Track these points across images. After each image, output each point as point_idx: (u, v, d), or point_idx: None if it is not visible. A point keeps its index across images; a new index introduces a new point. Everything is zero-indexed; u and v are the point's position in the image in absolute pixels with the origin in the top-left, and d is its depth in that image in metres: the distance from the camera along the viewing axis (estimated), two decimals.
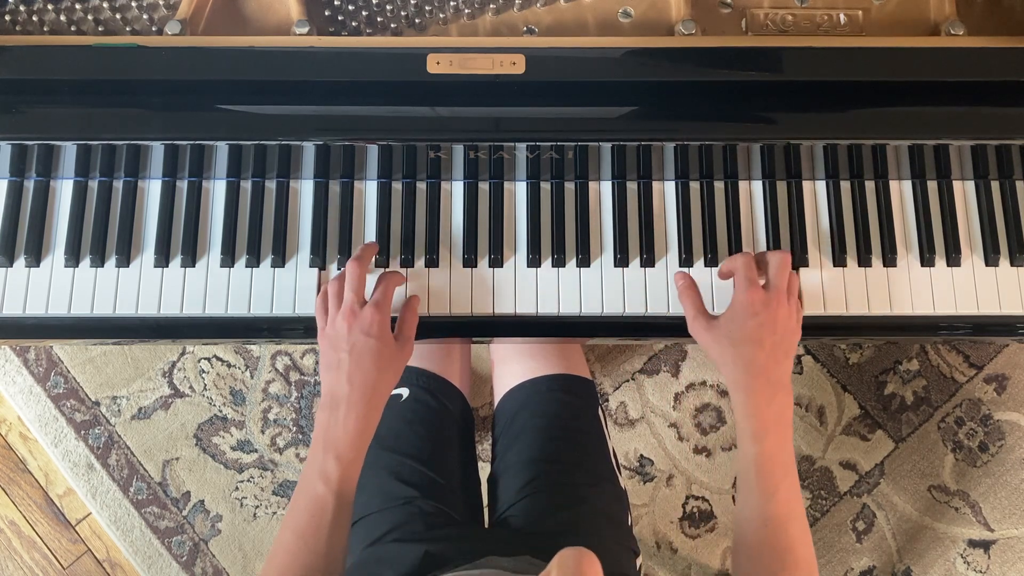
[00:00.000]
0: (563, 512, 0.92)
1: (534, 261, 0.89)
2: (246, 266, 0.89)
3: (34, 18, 0.87)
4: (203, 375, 1.65)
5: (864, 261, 0.90)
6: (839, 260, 0.90)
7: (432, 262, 0.89)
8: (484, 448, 1.55)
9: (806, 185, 0.92)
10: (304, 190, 0.91)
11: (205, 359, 1.66)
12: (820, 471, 1.61)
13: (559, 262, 0.89)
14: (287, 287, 0.89)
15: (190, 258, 0.89)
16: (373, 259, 0.88)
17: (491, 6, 0.89)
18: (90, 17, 0.88)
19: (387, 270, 0.88)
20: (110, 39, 0.85)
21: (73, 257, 0.88)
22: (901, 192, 0.92)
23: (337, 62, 0.83)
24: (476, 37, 0.90)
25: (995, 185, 0.92)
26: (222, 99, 0.82)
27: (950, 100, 0.83)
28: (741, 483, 0.78)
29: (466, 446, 1.07)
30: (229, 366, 1.66)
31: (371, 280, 0.85)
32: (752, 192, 0.92)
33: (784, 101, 0.83)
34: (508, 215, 0.91)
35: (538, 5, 0.90)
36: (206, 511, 1.61)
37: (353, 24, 0.90)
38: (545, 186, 0.91)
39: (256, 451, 1.63)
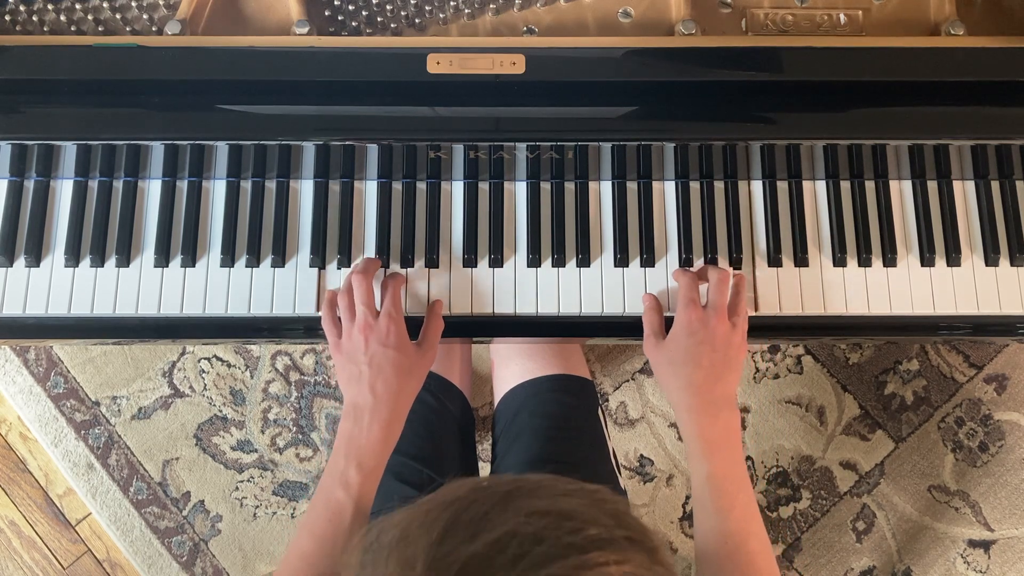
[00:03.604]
0: None
1: (534, 261, 0.89)
2: (246, 266, 0.89)
3: (34, 18, 0.87)
4: (203, 375, 1.65)
5: (864, 261, 0.90)
6: (839, 260, 0.90)
7: (432, 262, 0.89)
8: (484, 448, 1.55)
9: (806, 185, 0.92)
10: (304, 190, 0.91)
11: (205, 359, 1.66)
12: (820, 471, 1.61)
13: (559, 262, 0.89)
14: (287, 287, 0.89)
15: (190, 258, 0.89)
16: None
17: (491, 6, 0.89)
18: (90, 17, 0.88)
19: (388, 274, 0.88)
20: (110, 39, 0.85)
21: (73, 257, 0.88)
22: (901, 192, 0.92)
23: (337, 62, 0.83)
24: (476, 37, 0.90)
25: (995, 185, 0.92)
26: (222, 99, 0.82)
27: (950, 100, 0.83)
28: (696, 502, 0.78)
29: (466, 446, 1.07)
30: (229, 366, 1.66)
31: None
32: (752, 192, 0.92)
33: (784, 101, 0.83)
34: (508, 215, 0.91)
35: (538, 5, 0.90)
36: (206, 511, 1.61)
37: (353, 24, 0.90)
38: (545, 186, 0.91)
39: (256, 451, 1.63)
